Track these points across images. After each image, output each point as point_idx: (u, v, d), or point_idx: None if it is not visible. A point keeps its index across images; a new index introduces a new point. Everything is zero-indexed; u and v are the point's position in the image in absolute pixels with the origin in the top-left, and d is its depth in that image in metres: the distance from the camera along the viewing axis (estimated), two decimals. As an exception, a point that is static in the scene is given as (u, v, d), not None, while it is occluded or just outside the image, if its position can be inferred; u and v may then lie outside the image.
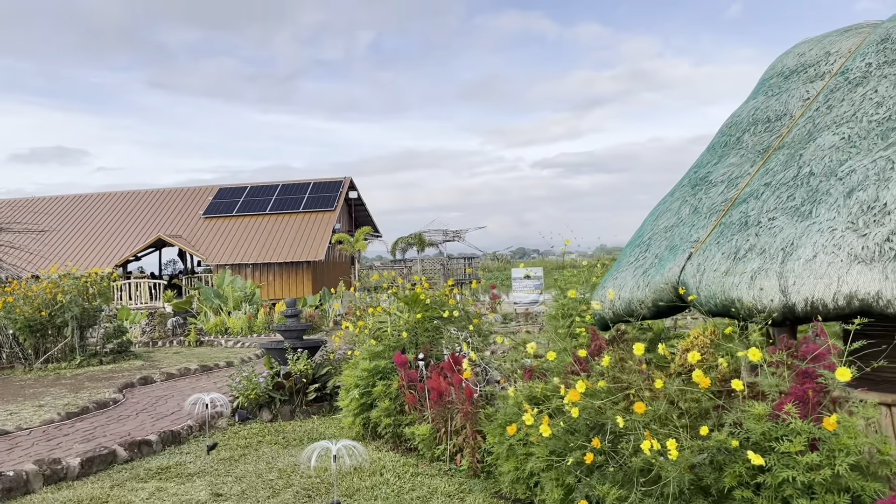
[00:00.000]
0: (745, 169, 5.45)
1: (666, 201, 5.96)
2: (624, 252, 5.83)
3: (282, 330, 9.53)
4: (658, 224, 5.70)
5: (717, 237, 4.92)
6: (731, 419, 3.59)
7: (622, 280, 5.41)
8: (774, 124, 5.72)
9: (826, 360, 3.65)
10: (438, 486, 5.99)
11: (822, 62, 5.99)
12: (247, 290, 24.26)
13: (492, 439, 5.45)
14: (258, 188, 38.67)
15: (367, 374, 7.59)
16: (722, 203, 5.26)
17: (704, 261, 4.79)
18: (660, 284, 5.00)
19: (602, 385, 4.00)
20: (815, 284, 4.06)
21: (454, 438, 6.52)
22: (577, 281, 11.01)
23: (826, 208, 4.41)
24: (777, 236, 4.50)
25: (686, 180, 6.01)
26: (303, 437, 7.96)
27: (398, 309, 8.47)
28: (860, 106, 5.08)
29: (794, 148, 5.22)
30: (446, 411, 6.63)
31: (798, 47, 6.52)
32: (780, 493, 3.28)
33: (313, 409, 9.09)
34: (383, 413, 7.29)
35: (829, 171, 4.70)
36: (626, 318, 5.30)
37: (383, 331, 8.21)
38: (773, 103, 5.95)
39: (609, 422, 4.01)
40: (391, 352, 7.83)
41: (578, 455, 4.05)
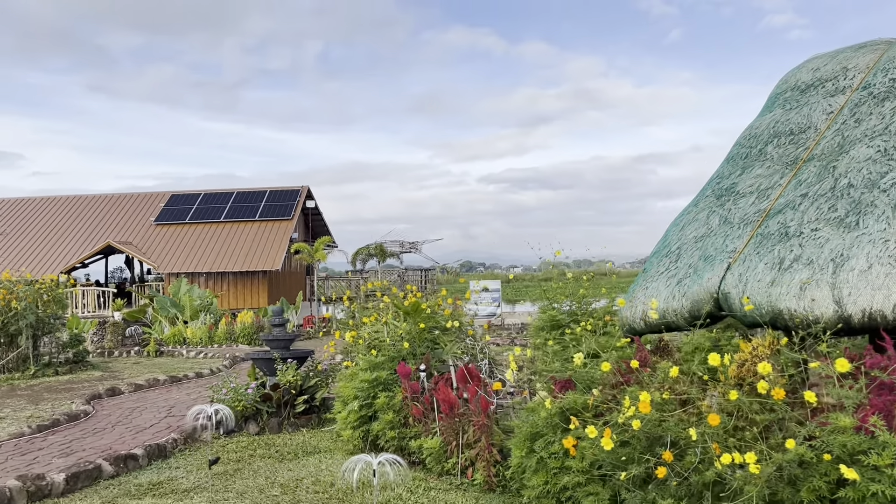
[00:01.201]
0: (775, 180, 5.44)
1: (690, 211, 5.92)
2: (650, 262, 5.75)
3: (269, 339, 9.20)
4: (685, 234, 5.64)
5: (755, 247, 4.87)
6: (804, 432, 3.51)
7: (654, 290, 5.32)
8: (799, 137, 5.73)
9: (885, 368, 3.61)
10: (455, 500, 5.79)
11: (840, 77, 6.04)
12: (205, 299, 23.57)
13: (518, 452, 5.28)
14: (212, 195, 37.80)
15: (367, 386, 7.34)
16: (755, 214, 5.23)
17: (746, 271, 4.73)
18: (698, 294, 4.93)
19: (667, 396, 3.88)
20: (872, 295, 4.03)
21: (466, 452, 6.32)
22: (564, 293, 10.97)
23: (874, 220, 4.39)
24: (824, 247, 4.47)
25: (709, 191, 5.98)
26: (296, 450, 7.65)
27: (395, 318, 8.24)
28: (892, 120, 5.11)
29: (825, 160, 5.22)
30: (457, 424, 6.44)
31: (811, 62, 6.58)
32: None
33: (301, 421, 8.77)
34: (386, 426, 7.05)
35: (870, 183, 4.70)
36: (658, 329, 5.20)
37: (381, 341, 7.97)
38: (795, 116, 5.97)
39: (668, 434, 3.89)
40: (392, 362, 7.60)
41: (637, 469, 3.92)
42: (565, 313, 10.29)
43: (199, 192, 38.14)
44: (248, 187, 38.39)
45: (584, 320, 10.14)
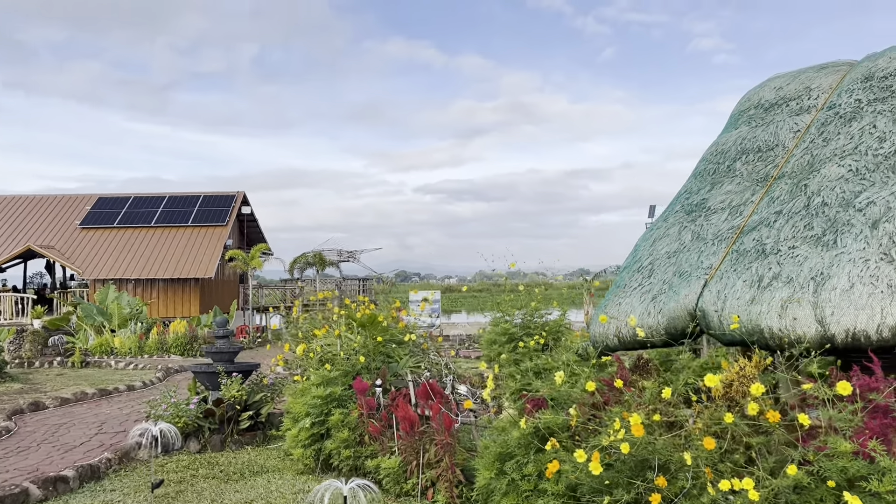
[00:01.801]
0: (747, 197, 5.42)
1: (660, 226, 5.85)
2: (621, 277, 5.64)
3: (212, 352, 8.74)
4: (657, 249, 5.56)
5: (732, 264, 4.81)
6: (797, 456, 3.42)
7: (628, 306, 5.21)
8: (767, 154, 5.75)
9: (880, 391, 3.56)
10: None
11: (804, 96, 6.10)
12: (134, 307, 22.59)
13: (486, 473, 5.06)
14: (142, 199, 36.45)
15: (320, 402, 7.02)
16: (728, 230, 5.19)
17: (724, 288, 4.66)
18: (674, 311, 4.83)
19: (657, 419, 3.74)
20: (856, 315, 3.99)
21: (427, 472, 6.08)
22: (516, 305, 10.85)
23: (852, 239, 4.38)
24: (803, 265, 4.43)
25: (678, 206, 5.93)
26: (242, 470, 7.26)
27: (349, 330, 7.93)
28: (861, 140, 5.15)
29: (796, 178, 5.23)
30: (417, 442, 6.19)
31: (773, 81, 6.64)
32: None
33: (246, 438, 8.36)
34: (341, 444, 6.74)
35: (845, 202, 4.70)
36: (633, 346, 5.09)
37: (334, 354, 7.65)
38: (761, 133, 5.99)
39: (655, 458, 3.75)
40: (345, 377, 7.30)
41: (625, 494, 3.75)
42: (518, 326, 10.18)
43: (128, 196, 36.72)
44: (180, 191, 37.16)
45: (536, 333, 10.06)
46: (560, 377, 4.45)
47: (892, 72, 5.63)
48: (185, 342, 19.65)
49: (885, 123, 5.16)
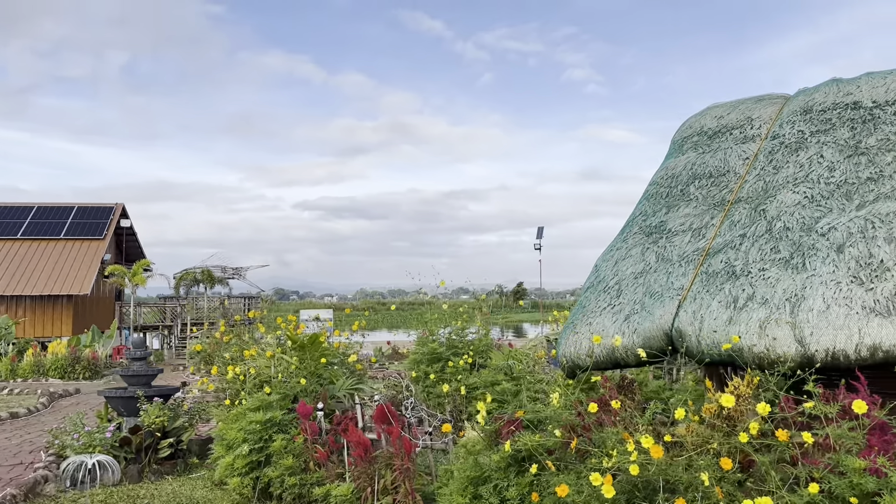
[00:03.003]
0: (707, 220, 5.60)
1: (619, 247, 5.94)
2: (586, 297, 5.68)
3: (128, 375, 8.08)
4: (621, 269, 5.64)
5: (704, 285, 4.94)
6: (803, 474, 3.51)
7: (599, 325, 5.24)
8: (719, 179, 5.97)
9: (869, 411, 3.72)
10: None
11: (746, 125, 6.41)
12: (2, 326, 20.74)
13: (460, 499, 4.91)
14: (6, 209, 33.73)
15: (259, 427, 6.63)
16: (693, 252, 5.33)
17: (699, 308, 4.77)
18: (650, 331, 4.90)
19: (668, 439, 3.73)
20: (835, 335, 4.17)
21: (382, 499, 5.85)
22: (440, 322, 10.77)
23: (821, 262, 4.59)
24: (776, 287, 4.61)
25: (636, 228, 6.05)
26: (171, 502, 6.73)
27: (284, 351, 7.55)
28: (811, 168, 5.44)
29: (753, 203, 5.45)
30: (372, 468, 5.95)
31: (712, 111, 6.94)
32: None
33: (165, 468, 7.78)
34: (285, 471, 6.39)
35: (806, 227, 4.94)
36: (605, 366, 5.12)
37: (270, 377, 7.27)
38: (710, 160, 6.23)
39: (659, 480, 3.75)
40: (284, 401, 6.95)
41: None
42: (444, 346, 10.09)
43: (-11, 205, 33.87)
44: (51, 202, 34.68)
45: (464, 352, 10.01)
46: (556, 398, 4.39)
47: (829, 106, 6.00)
48: (65, 364, 18.17)
49: (832, 154, 5.48)
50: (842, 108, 5.90)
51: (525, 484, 4.62)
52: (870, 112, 5.69)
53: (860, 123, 5.65)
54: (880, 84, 5.89)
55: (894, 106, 5.62)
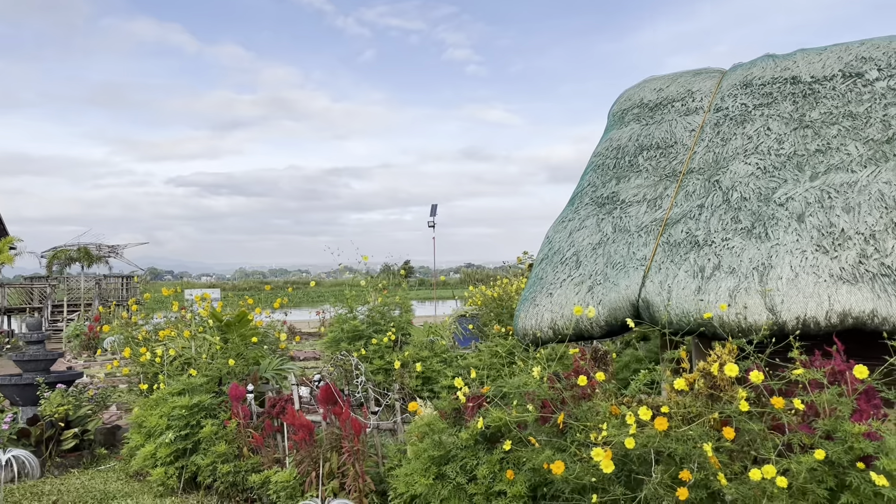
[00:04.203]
0: (660, 191, 5.58)
1: (572, 218, 5.84)
2: (542, 269, 5.54)
3: (22, 360, 7.27)
4: (577, 240, 5.54)
5: (668, 255, 4.91)
6: (796, 440, 3.52)
7: (562, 298, 5.12)
8: (667, 150, 5.98)
9: (847, 377, 3.79)
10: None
11: (687, 98, 6.45)
12: None
13: (423, 479, 4.67)
14: None
15: (185, 413, 6.12)
16: (652, 223, 5.30)
17: (666, 279, 4.74)
18: (616, 302, 4.82)
19: (665, 410, 3.64)
20: (805, 303, 4.23)
21: (328, 483, 5.53)
22: (360, 300, 10.43)
23: (783, 231, 4.65)
24: (741, 256, 4.63)
25: (586, 199, 5.97)
26: (81, 498, 6.11)
27: (206, 331, 7.02)
28: (759, 141, 5.53)
29: (706, 174, 5.48)
30: (317, 451, 5.61)
31: (650, 83, 6.96)
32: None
33: (70, 460, 7.09)
34: (218, 459, 5.92)
35: (764, 197, 5.00)
36: (567, 338, 5.01)
37: (191, 359, 6.73)
38: (656, 131, 6.23)
39: (651, 452, 3.66)
40: (211, 384, 6.45)
41: (621, 489, 3.62)
42: (366, 323, 9.78)
43: None
44: None
45: (387, 329, 9.74)
46: (537, 372, 4.22)
47: (768, 80, 6.12)
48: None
49: (778, 127, 5.58)
50: (781, 82, 6.03)
51: (495, 461, 4.45)
52: (809, 87, 5.84)
53: (801, 98, 5.78)
54: (816, 60, 6.05)
55: (832, 81, 5.78)
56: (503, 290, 12.57)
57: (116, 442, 7.81)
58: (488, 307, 12.32)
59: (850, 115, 5.40)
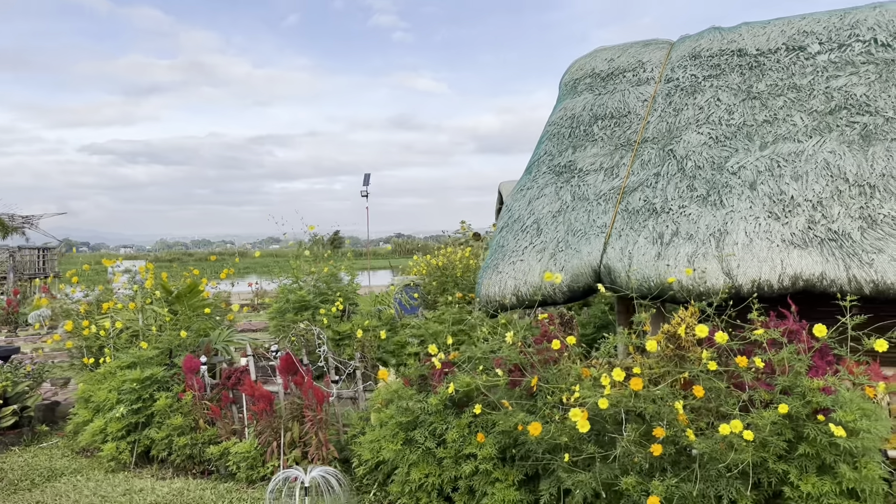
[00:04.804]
0: (616, 160, 5.70)
1: (530, 187, 5.92)
2: (503, 238, 5.60)
3: (-46, 335, 6.90)
4: (536, 208, 5.62)
5: (627, 222, 5.04)
6: (757, 396, 3.71)
7: (525, 265, 5.20)
8: (621, 120, 6.10)
9: (801, 336, 4.01)
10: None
11: (639, 68, 6.58)
12: None
13: (391, 445, 4.71)
14: None
15: (137, 386, 5.97)
16: (610, 190, 5.42)
17: (626, 245, 4.87)
18: (578, 269, 4.93)
19: (637, 371, 3.77)
20: (759, 267, 4.43)
21: (290, 452, 5.51)
22: (301, 270, 10.30)
23: (737, 199, 4.84)
24: (698, 223, 4.80)
25: (543, 167, 6.04)
26: (26, 476, 5.92)
27: (151, 302, 6.82)
28: (710, 111, 5.70)
29: (660, 143, 5.63)
30: (277, 422, 5.57)
31: (601, 53, 7.06)
32: (818, 461, 3.49)
33: (9, 438, 6.83)
34: (174, 432, 5.81)
35: (716, 166, 5.18)
36: (530, 304, 5.10)
37: (141, 331, 6.54)
38: (609, 101, 6.34)
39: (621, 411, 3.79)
40: (162, 356, 6.30)
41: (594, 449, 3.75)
42: (312, 293, 9.69)
43: None
44: None
45: (333, 299, 9.67)
46: (511, 336, 4.28)
47: (715, 52, 6.30)
48: None
49: (727, 98, 5.77)
50: (728, 54, 6.21)
51: (464, 425, 4.53)
52: (755, 59, 6.04)
53: (748, 69, 5.98)
54: (761, 33, 6.26)
55: (777, 54, 5.99)
56: (447, 259, 12.66)
57: (56, 418, 7.55)
58: (432, 276, 12.40)
59: (794, 87, 5.62)
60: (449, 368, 4.79)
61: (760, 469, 3.55)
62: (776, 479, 3.56)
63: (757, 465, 3.51)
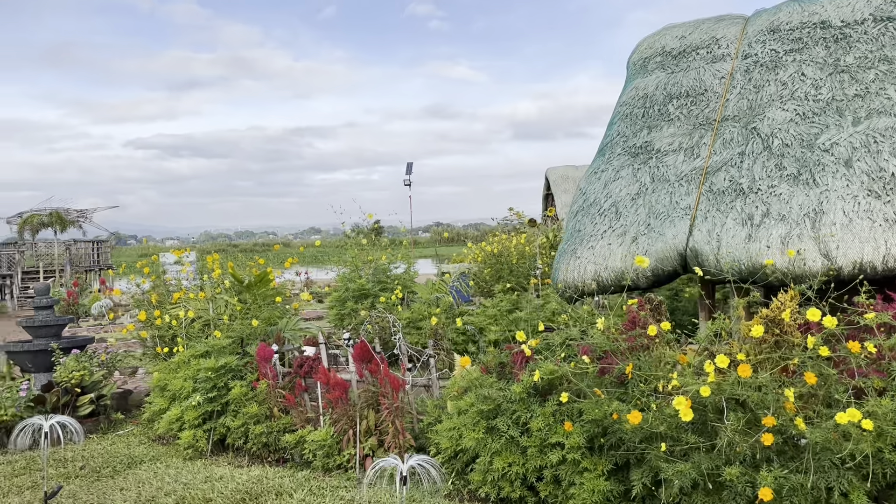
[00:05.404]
0: (696, 139, 5.51)
1: (605, 169, 5.76)
2: (579, 222, 5.47)
3: (31, 326, 7.05)
4: (614, 191, 5.47)
5: (713, 203, 4.86)
6: (870, 384, 3.53)
7: (604, 250, 5.06)
8: (697, 98, 5.89)
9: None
10: (383, 499, 4.95)
11: (713, 45, 6.35)
12: None
13: (472, 434, 4.63)
14: None
15: (212, 375, 6.00)
16: (691, 171, 5.24)
17: (714, 227, 4.70)
18: (663, 252, 4.78)
19: (741, 357, 3.62)
20: (861, 248, 4.22)
21: (365, 441, 5.48)
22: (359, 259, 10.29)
23: (831, 177, 4.62)
24: (790, 202, 4.60)
25: (618, 149, 5.88)
26: (107, 463, 6.00)
27: (222, 291, 6.86)
28: (795, 87, 5.46)
29: (742, 121, 5.42)
30: (353, 410, 5.55)
31: (670, 31, 6.83)
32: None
33: (87, 426, 6.94)
34: (250, 420, 5.83)
35: (806, 144, 4.96)
36: (610, 290, 4.96)
37: (212, 320, 6.58)
38: (684, 79, 6.13)
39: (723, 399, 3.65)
40: (235, 345, 6.33)
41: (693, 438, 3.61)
42: (373, 282, 9.68)
43: None
44: None
45: (392, 287, 9.64)
46: (602, 322, 4.16)
47: (796, 25, 6.03)
48: None
49: (813, 72, 5.52)
50: (810, 27, 5.94)
51: (549, 413, 4.43)
52: (840, 31, 5.77)
53: (833, 42, 5.72)
54: (845, 4, 5.97)
55: (864, 25, 5.71)
56: (502, 246, 12.55)
57: (129, 406, 7.68)
58: (487, 263, 12.30)
59: (885, 59, 5.35)
60: (528, 356, 4.68)
61: (875, 459, 3.38)
62: (891, 469, 3.39)
63: (870, 456, 3.34)
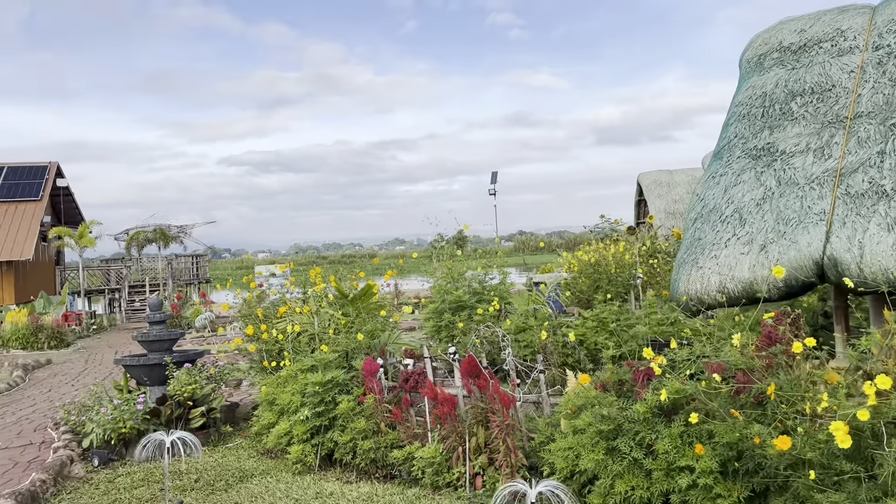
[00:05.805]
0: (825, 139, 5.14)
1: (724, 173, 5.45)
2: (699, 230, 5.18)
3: (146, 340, 7.26)
4: (735, 196, 5.16)
5: (852, 208, 4.50)
6: None
7: (729, 259, 4.76)
8: (825, 95, 5.51)
9: None
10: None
11: (837, 37, 5.93)
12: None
13: (591, 455, 4.41)
14: (-72, 171, 31.17)
15: (319, 389, 5.99)
16: (823, 173, 4.88)
17: (854, 234, 4.33)
18: (796, 261, 4.45)
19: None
20: None
21: (475, 458, 5.34)
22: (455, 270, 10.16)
23: None
24: (942, 205, 4.18)
25: (737, 152, 5.56)
26: (220, 476, 6.07)
27: (326, 305, 6.88)
28: (937, 78, 5.01)
29: (879, 118, 5.02)
30: (462, 426, 5.42)
31: (788, 25, 6.44)
32: None
33: (199, 438, 7.06)
34: (358, 435, 5.79)
35: (956, 140, 4.52)
36: (738, 302, 4.65)
37: (317, 334, 6.59)
38: (807, 75, 5.75)
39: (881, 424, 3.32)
40: (341, 359, 6.31)
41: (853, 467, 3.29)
42: (469, 293, 9.54)
43: None
44: (-24, 162, 32.20)
45: (489, 299, 9.47)
46: (738, 339, 3.89)
47: (933, 13, 5.57)
48: (27, 334, 16.90)
49: (957, 62, 5.06)
50: (950, 14, 5.47)
51: (675, 435, 4.16)
52: None
53: (978, 29, 5.24)
54: None
55: None
56: (600, 255, 12.19)
57: (237, 419, 7.80)
58: (584, 273, 11.96)
59: None
60: (650, 374, 4.43)
61: None
62: None
63: None
